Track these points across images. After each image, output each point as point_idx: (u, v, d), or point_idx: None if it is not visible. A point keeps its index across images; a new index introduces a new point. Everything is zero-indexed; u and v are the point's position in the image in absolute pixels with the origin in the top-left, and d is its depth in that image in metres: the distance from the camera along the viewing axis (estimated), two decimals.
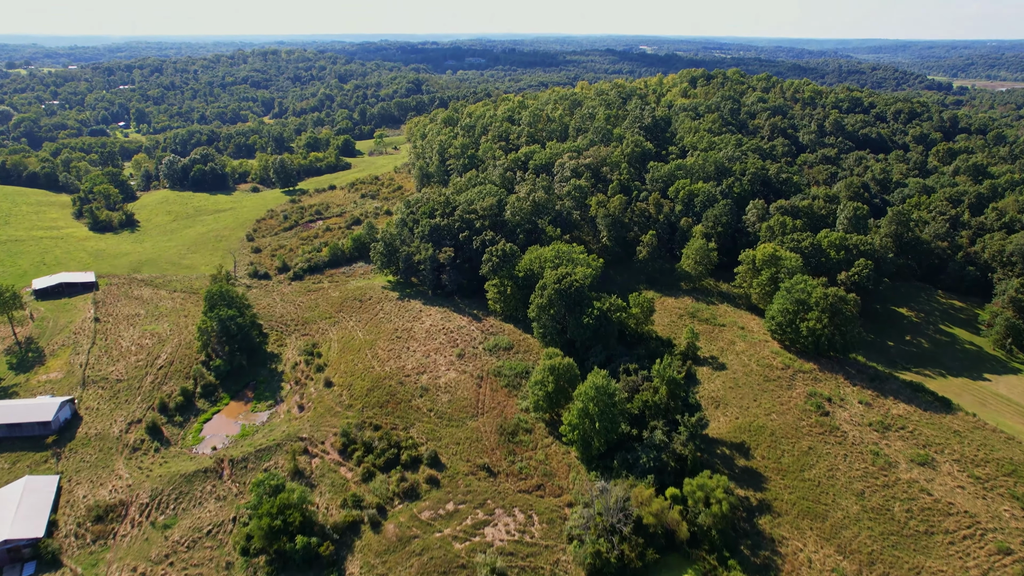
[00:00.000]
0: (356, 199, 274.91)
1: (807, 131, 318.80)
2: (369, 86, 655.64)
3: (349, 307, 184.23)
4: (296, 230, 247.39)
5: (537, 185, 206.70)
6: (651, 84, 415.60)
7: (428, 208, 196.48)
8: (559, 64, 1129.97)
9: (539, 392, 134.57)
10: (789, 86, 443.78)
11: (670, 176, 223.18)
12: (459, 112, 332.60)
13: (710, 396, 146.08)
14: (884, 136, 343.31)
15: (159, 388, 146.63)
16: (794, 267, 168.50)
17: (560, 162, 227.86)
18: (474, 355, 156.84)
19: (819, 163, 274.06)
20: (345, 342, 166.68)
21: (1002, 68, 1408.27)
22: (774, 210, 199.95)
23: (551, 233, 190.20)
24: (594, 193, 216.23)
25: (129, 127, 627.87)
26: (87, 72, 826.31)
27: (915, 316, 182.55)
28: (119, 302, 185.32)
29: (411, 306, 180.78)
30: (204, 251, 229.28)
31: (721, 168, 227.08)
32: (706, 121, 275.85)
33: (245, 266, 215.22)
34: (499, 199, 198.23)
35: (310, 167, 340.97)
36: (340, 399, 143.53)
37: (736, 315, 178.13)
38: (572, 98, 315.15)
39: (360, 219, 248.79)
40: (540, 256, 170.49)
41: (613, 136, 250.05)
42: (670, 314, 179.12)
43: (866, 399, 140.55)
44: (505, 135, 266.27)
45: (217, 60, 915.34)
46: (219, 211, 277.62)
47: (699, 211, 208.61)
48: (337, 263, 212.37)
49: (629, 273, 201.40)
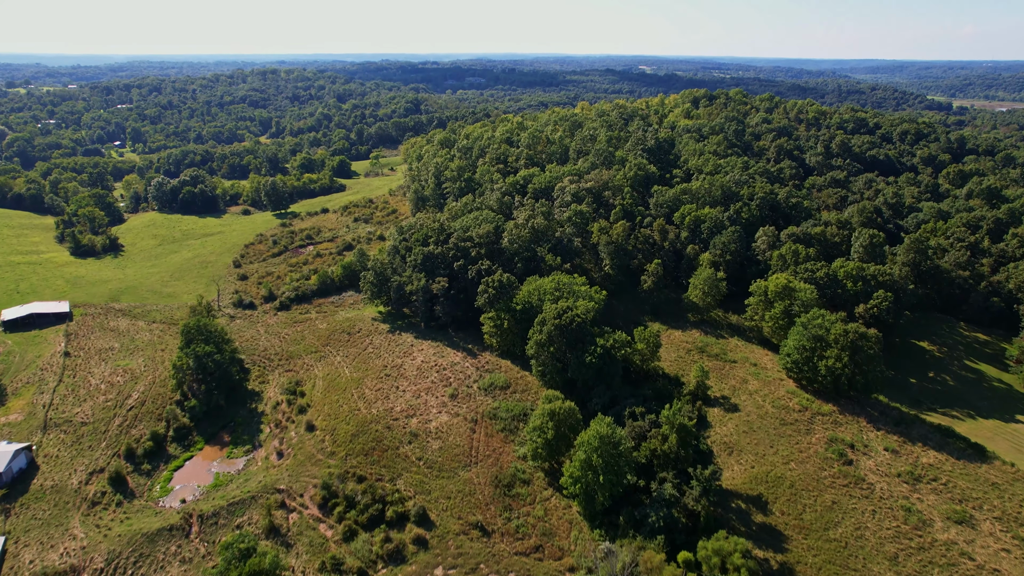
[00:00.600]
0: (349, 223, 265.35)
1: (814, 153, 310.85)
2: (367, 106, 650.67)
3: (337, 340, 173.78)
4: (285, 256, 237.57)
5: (536, 211, 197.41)
6: (653, 104, 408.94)
7: (421, 235, 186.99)
8: (559, 84, 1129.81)
9: (538, 439, 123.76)
10: (793, 106, 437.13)
11: (675, 201, 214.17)
12: (456, 133, 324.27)
13: (723, 441, 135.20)
14: (892, 158, 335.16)
15: (127, 432, 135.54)
16: (809, 299, 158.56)
17: (560, 186, 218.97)
18: (468, 395, 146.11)
19: (828, 186, 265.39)
20: (330, 380, 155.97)
21: (999, 88, 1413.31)
22: (785, 237, 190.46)
23: (551, 262, 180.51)
24: (596, 219, 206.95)
25: (125, 146, 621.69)
26: (85, 91, 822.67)
27: (937, 351, 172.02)
28: (93, 334, 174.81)
29: (402, 340, 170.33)
30: (188, 278, 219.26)
31: (728, 192, 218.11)
32: (711, 143, 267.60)
33: (230, 295, 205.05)
34: (496, 226, 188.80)
35: (304, 189, 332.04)
36: (322, 445, 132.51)
37: (748, 350, 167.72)
38: (572, 119, 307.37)
39: (352, 244, 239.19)
40: (539, 288, 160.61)
41: (615, 159, 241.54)
42: (677, 349, 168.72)
43: (892, 445, 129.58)
44: (503, 157, 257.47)
45: (216, 79, 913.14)
46: (207, 235, 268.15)
47: (706, 238, 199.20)
48: (326, 292, 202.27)
49: (633, 303, 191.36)
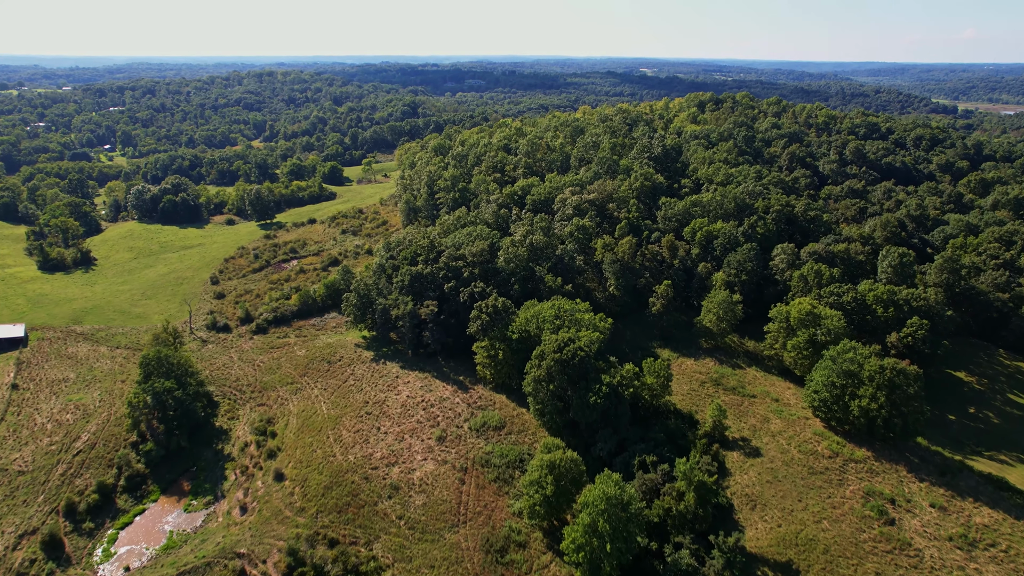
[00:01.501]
0: (336, 235, 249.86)
1: (828, 160, 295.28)
2: (364, 109, 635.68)
3: (315, 370, 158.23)
4: (267, 271, 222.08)
5: (535, 226, 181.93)
6: (657, 108, 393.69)
7: (410, 252, 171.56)
8: (559, 86, 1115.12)
9: (536, 495, 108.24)
10: (801, 111, 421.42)
11: (685, 214, 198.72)
12: (452, 139, 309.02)
13: (744, 493, 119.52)
14: (908, 165, 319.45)
15: (71, 482, 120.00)
16: (836, 328, 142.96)
17: (561, 198, 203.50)
18: (458, 437, 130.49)
19: (845, 196, 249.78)
20: (305, 417, 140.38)
21: (1003, 91, 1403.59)
22: (806, 256, 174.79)
23: (550, 283, 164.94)
24: (599, 234, 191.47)
25: (115, 150, 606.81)
26: (77, 93, 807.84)
27: (976, 382, 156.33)
28: (48, 363, 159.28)
29: (387, 370, 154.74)
30: (161, 296, 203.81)
31: (741, 204, 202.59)
32: (720, 151, 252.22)
33: (204, 316, 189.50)
34: (491, 242, 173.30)
35: (292, 197, 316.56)
36: (291, 499, 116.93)
37: (767, 382, 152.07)
38: (574, 124, 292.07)
39: (338, 259, 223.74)
40: (538, 314, 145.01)
41: (619, 167, 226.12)
42: (690, 380, 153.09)
43: (939, 501, 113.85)
44: (500, 166, 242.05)
45: (211, 81, 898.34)
46: (186, 247, 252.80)
47: (719, 255, 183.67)
48: (307, 313, 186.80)
49: (640, 327, 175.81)
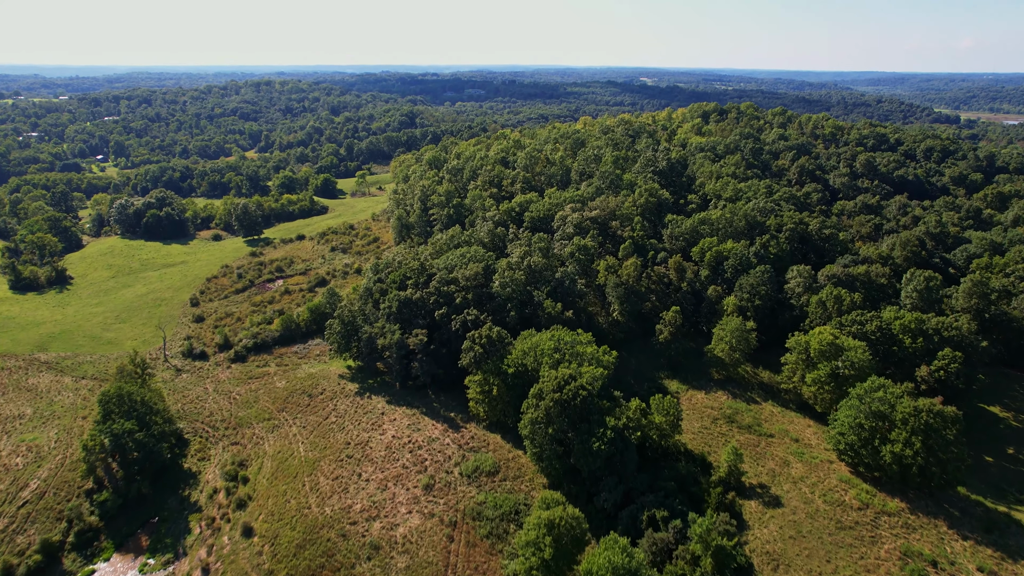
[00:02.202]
0: (325, 252, 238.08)
1: (838, 174, 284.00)
2: (361, 119, 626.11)
3: (295, 404, 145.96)
4: (250, 292, 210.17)
5: (533, 246, 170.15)
6: (660, 119, 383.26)
7: (398, 275, 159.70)
8: (559, 96, 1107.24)
9: (533, 558, 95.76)
10: (807, 121, 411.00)
11: (692, 232, 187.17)
12: (447, 151, 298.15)
13: (765, 550, 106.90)
14: (921, 178, 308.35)
15: (12, 540, 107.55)
16: (861, 361, 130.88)
17: (561, 215, 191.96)
18: (447, 484, 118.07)
19: (859, 212, 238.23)
20: (281, 460, 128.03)
21: (1004, 101, 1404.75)
22: (824, 279, 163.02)
23: (550, 309, 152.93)
24: (602, 255, 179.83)
25: (108, 161, 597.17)
26: (72, 103, 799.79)
27: (1013, 418, 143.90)
28: (4, 396, 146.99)
29: (372, 405, 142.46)
30: (136, 320, 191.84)
31: (752, 222, 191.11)
32: (728, 164, 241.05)
33: (180, 341, 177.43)
34: (486, 265, 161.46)
35: (282, 211, 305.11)
36: (259, 559, 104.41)
37: (786, 419, 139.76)
38: (574, 136, 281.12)
39: (326, 279, 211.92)
40: (536, 346, 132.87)
41: (623, 182, 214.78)
42: (701, 416, 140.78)
43: (988, 564, 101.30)
44: (497, 180, 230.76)
45: (208, 91, 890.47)
46: (168, 265, 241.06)
47: (730, 277, 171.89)
48: (290, 339, 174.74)
49: (646, 355, 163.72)
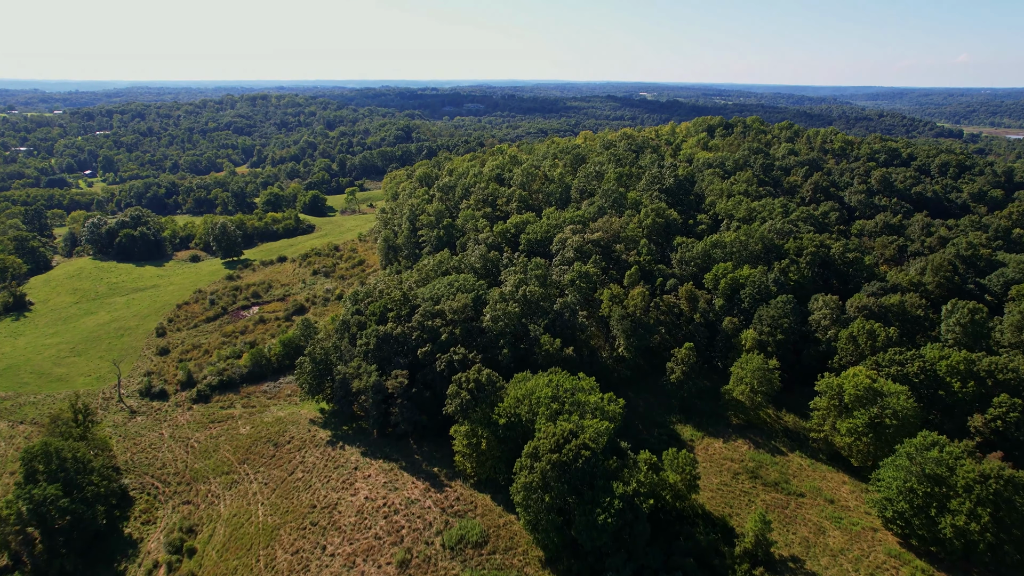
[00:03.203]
0: (307, 276, 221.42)
1: (854, 191, 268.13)
2: (356, 133, 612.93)
3: (258, 455, 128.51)
4: (222, 321, 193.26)
5: (530, 273, 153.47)
6: (663, 134, 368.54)
7: (379, 307, 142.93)
8: (559, 110, 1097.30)
9: None
10: (815, 135, 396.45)
11: (704, 257, 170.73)
12: (440, 167, 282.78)
13: None
14: (939, 195, 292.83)
15: None
16: (904, 409, 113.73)
17: (560, 237, 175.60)
18: (427, 559, 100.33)
19: (881, 232, 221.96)
20: (236, 526, 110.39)
21: (1004, 115, 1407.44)
22: (854, 310, 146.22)
23: (547, 345, 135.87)
24: (606, 282, 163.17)
25: (96, 176, 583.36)
26: (65, 117, 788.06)
27: None
28: None
29: (344, 458, 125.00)
30: (93, 352, 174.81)
31: (769, 245, 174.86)
32: (739, 181, 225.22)
33: (139, 378, 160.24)
34: (477, 295, 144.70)
35: (265, 230, 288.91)
36: None
37: (817, 474, 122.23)
38: (574, 151, 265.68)
39: (305, 306, 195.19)
40: (531, 393, 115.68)
41: (627, 201, 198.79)
42: (720, 470, 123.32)
43: None
44: (492, 199, 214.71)
45: (203, 105, 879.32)
46: (138, 290, 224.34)
47: (748, 308, 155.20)
48: (260, 376, 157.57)
49: (655, 396, 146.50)
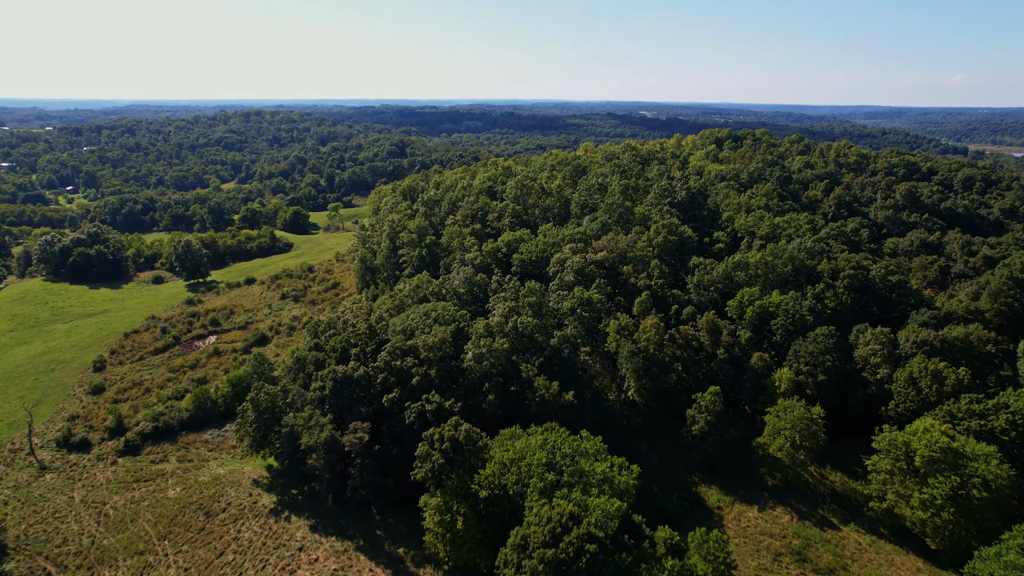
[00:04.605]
0: (274, 301, 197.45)
1: (880, 206, 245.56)
2: (348, 148, 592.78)
3: (185, 527, 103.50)
4: (172, 352, 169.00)
5: (522, 301, 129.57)
6: (668, 147, 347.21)
7: (340, 341, 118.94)
8: (559, 128, 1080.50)
9: None
10: (828, 148, 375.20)
11: (726, 280, 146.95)
12: (427, 180, 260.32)
13: None
14: (970, 210, 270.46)
15: None
16: (996, 477, 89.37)
17: (559, 257, 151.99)
18: None
19: (917, 252, 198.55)
20: None
21: (1005, 133, 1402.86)
22: (911, 345, 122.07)
23: (542, 391, 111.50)
24: (611, 310, 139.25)
25: (78, 192, 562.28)
26: (52, 133, 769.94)
27: None
28: None
29: (289, 533, 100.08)
30: (13, 392, 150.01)
31: (800, 267, 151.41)
32: (759, 195, 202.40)
33: (60, 423, 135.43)
34: (458, 327, 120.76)
35: (238, 249, 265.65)
36: None
37: (882, 557, 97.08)
38: (574, 163, 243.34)
39: (268, 335, 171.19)
40: (521, 456, 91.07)
41: (634, 217, 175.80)
42: (757, 548, 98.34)
43: None
44: (482, 214, 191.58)
45: (196, 120, 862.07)
46: (86, 315, 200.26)
47: (780, 341, 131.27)
48: (204, 421, 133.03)
49: (672, 448, 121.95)
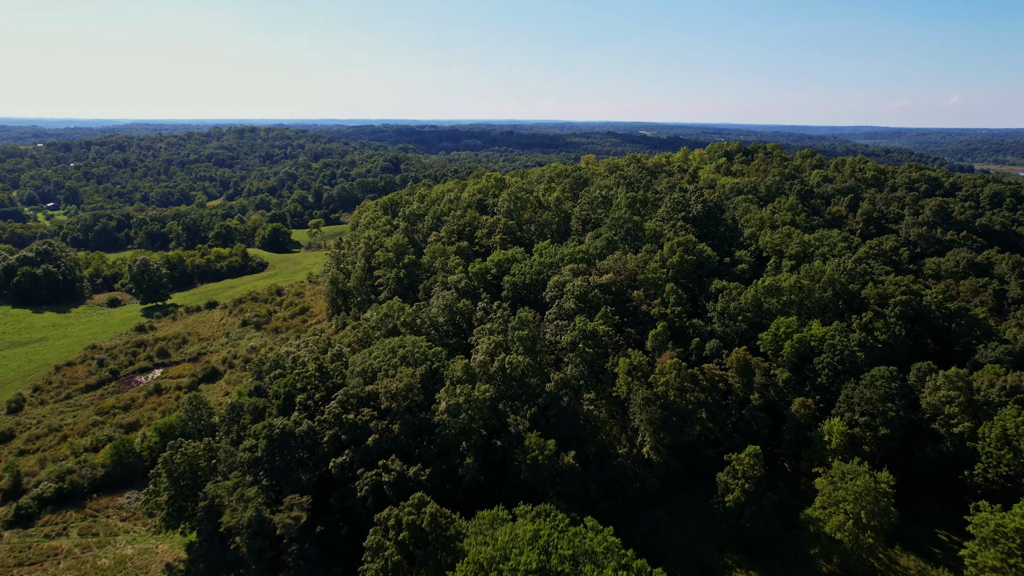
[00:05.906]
0: (234, 328, 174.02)
1: (912, 223, 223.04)
2: (340, 165, 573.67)
3: None
4: (106, 390, 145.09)
5: (512, 334, 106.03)
6: (675, 160, 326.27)
7: (284, 385, 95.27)
8: (559, 146, 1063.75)
9: None
10: (842, 163, 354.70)
11: (756, 307, 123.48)
12: (412, 194, 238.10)
13: None
14: (1008, 227, 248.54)
15: None
16: None
17: (558, 280, 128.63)
18: None
19: (964, 274, 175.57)
20: None
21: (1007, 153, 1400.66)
22: (998, 392, 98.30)
23: (535, 451, 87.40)
24: (621, 345, 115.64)
25: (59, 208, 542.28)
26: (40, 150, 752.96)
27: None
28: None
29: None
30: None
31: (840, 291, 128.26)
32: (781, 210, 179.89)
33: None
34: (430, 368, 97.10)
35: (207, 268, 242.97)
36: None
37: None
38: (575, 175, 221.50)
39: (220, 370, 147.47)
40: (503, 555, 66.79)
41: (644, 233, 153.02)
42: None
43: None
44: (469, 230, 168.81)
45: (189, 137, 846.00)
46: (19, 344, 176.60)
47: (827, 384, 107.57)
48: (123, 479, 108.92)
49: (697, 518, 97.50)
